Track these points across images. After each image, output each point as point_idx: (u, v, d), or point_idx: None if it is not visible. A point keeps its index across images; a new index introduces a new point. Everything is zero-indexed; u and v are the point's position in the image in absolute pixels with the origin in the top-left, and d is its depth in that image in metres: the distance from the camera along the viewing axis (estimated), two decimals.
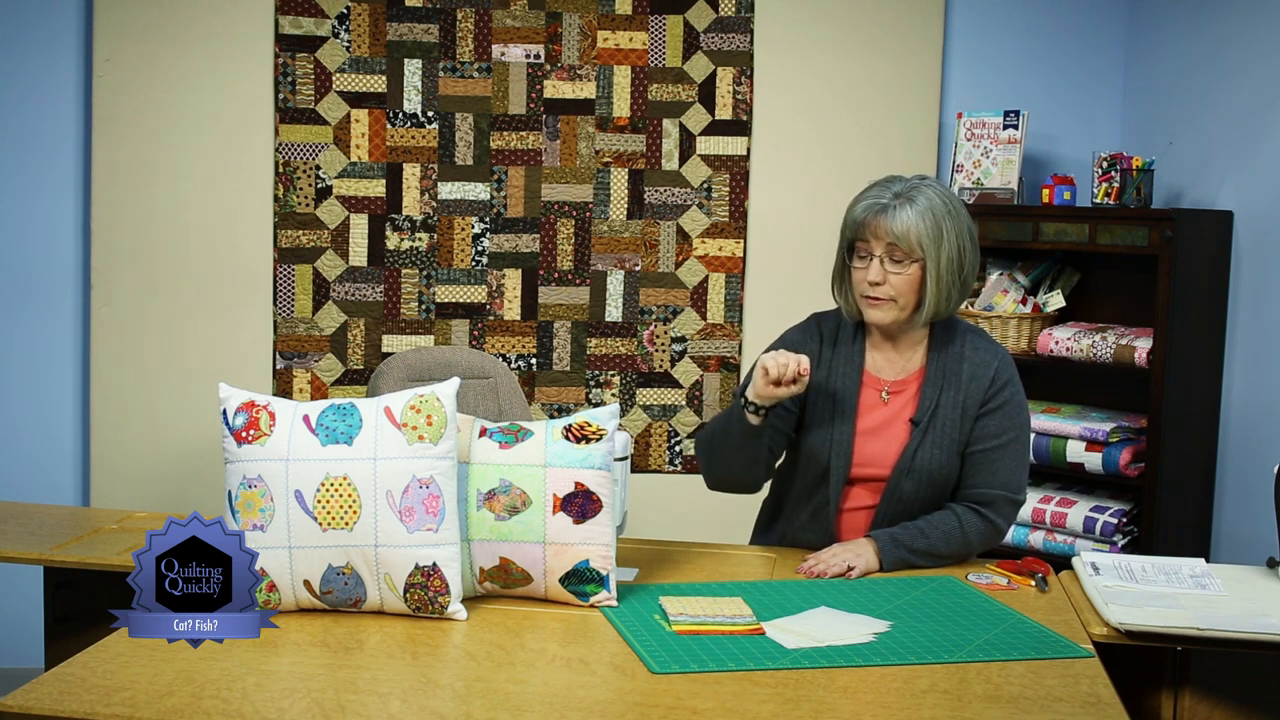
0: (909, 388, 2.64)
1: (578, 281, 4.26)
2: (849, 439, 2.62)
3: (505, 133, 4.20)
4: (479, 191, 4.22)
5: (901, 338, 2.65)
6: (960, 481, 2.63)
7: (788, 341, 2.72)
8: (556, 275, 4.25)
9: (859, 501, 2.65)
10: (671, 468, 4.32)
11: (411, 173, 4.19)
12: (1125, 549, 3.68)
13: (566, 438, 2.29)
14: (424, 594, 2.18)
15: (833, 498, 2.64)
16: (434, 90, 4.17)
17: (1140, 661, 2.33)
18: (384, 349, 4.21)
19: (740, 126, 4.26)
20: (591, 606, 2.28)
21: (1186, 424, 3.66)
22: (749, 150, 4.27)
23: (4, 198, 4.20)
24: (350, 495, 2.17)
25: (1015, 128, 4.08)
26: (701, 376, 4.30)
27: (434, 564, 2.17)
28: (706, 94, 4.24)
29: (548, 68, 4.20)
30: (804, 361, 2.47)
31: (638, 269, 4.26)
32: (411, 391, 2.26)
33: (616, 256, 4.26)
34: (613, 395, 4.28)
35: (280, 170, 4.16)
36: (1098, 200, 3.87)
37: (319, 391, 4.20)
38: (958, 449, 2.61)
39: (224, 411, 2.24)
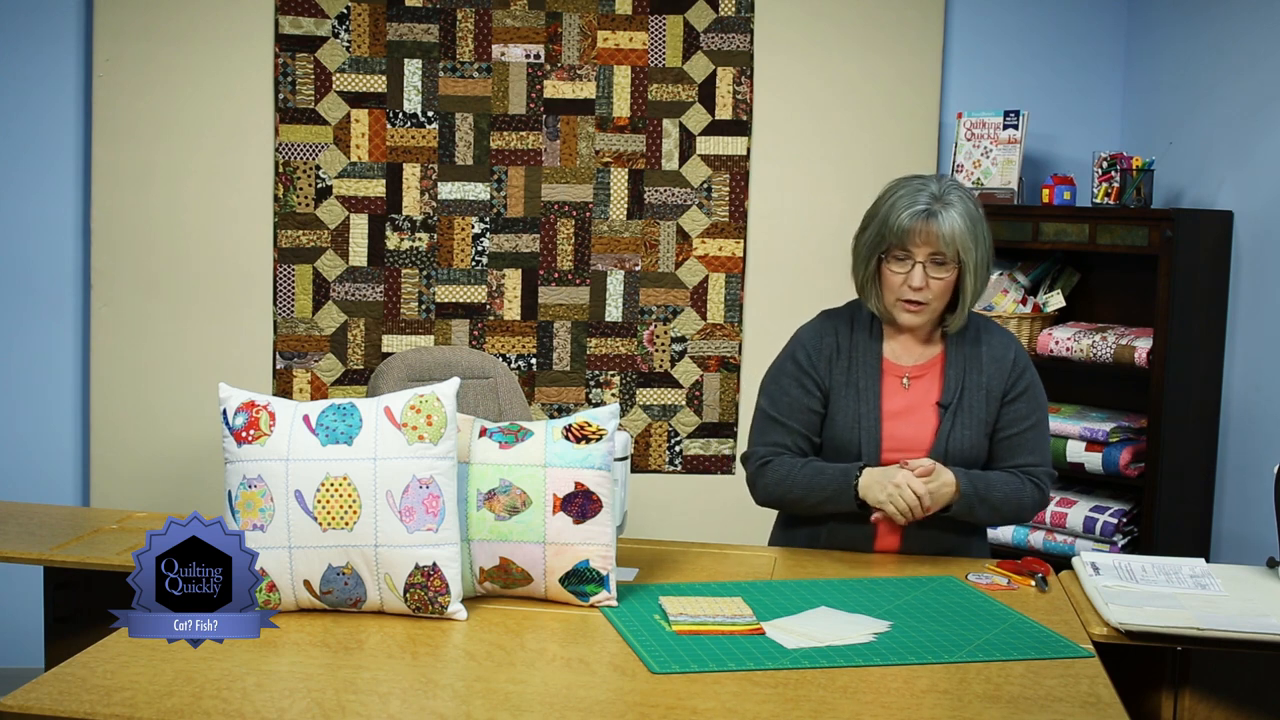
0: (929, 373, 2.67)
1: (578, 281, 4.26)
2: (876, 423, 2.64)
3: (505, 133, 4.20)
4: (479, 191, 4.22)
5: (926, 330, 2.69)
6: (995, 463, 2.66)
7: (804, 341, 2.72)
8: (556, 275, 4.25)
9: None
10: (671, 468, 4.32)
11: (411, 173, 4.19)
12: (1125, 549, 3.68)
13: (566, 438, 2.29)
14: (424, 594, 2.18)
15: None
16: (434, 90, 4.17)
17: (1140, 661, 2.33)
18: (384, 349, 4.21)
19: (740, 126, 4.26)
20: (591, 606, 2.28)
21: (1186, 424, 3.66)
22: (749, 150, 4.27)
23: (4, 198, 4.20)
24: (350, 495, 2.17)
25: (1015, 128, 4.08)
26: (701, 376, 4.30)
27: (434, 564, 2.17)
28: (706, 94, 4.24)
29: (548, 68, 4.20)
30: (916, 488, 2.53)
31: (638, 269, 4.26)
32: (411, 391, 2.26)
33: (616, 256, 4.26)
34: (613, 395, 4.28)
35: (280, 170, 4.16)
36: (1098, 200, 3.87)
37: (319, 391, 4.20)
38: (985, 431, 2.65)
39: (224, 411, 2.24)
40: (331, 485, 2.17)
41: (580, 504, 2.25)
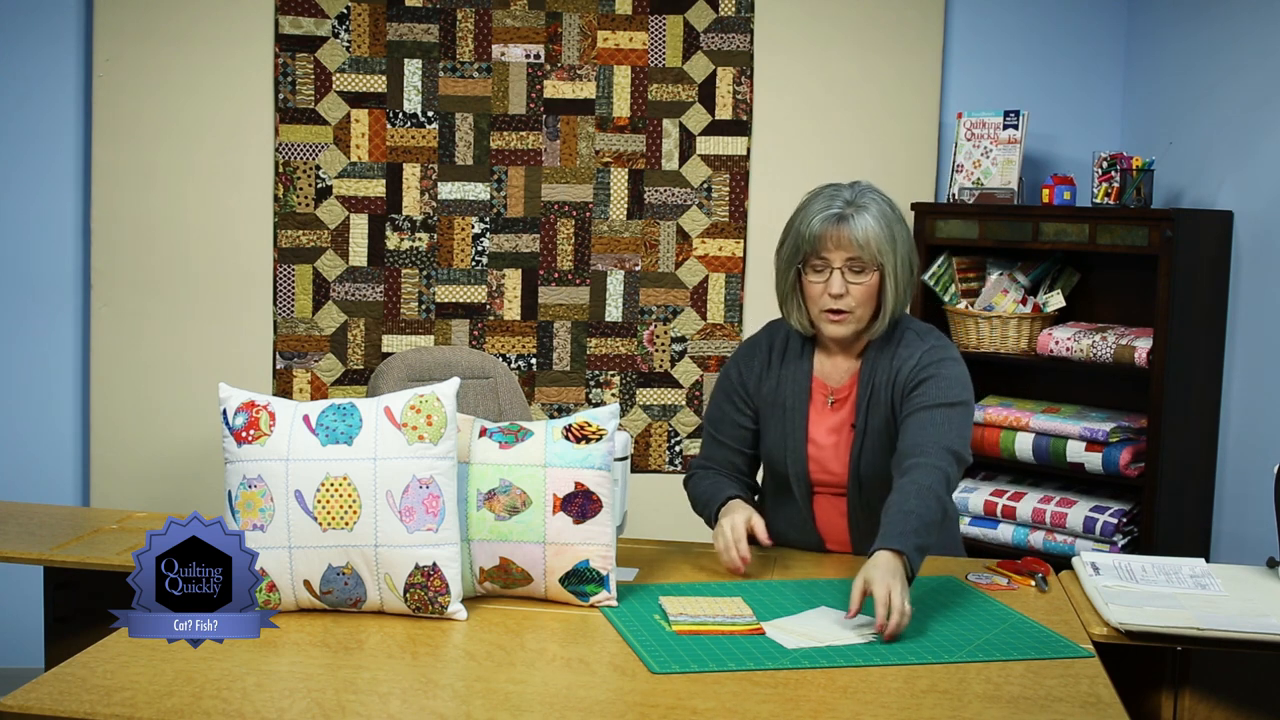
0: (851, 393, 2.63)
1: (578, 281, 4.26)
2: (801, 445, 2.62)
3: (505, 133, 4.20)
4: (479, 191, 4.22)
5: (853, 344, 2.63)
6: (896, 453, 2.50)
7: (738, 358, 2.72)
8: (556, 275, 4.25)
9: (830, 506, 2.66)
10: (671, 468, 4.32)
11: (411, 173, 4.19)
12: (1125, 549, 3.68)
13: (566, 438, 2.29)
14: (424, 594, 2.18)
15: (802, 505, 2.66)
16: (434, 90, 4.17)
17: (1140, 661, 2.33)
18: (384, 349, 4.21)
19: (740, 126, 4.26)
20: (591, 606, 2.28)
21: (1186, 424, 3.66)
22: (749, 150, 4.27)
23: (4, 198, 4.20)
24: (350, 495, 2.17)
25: (1015, 128, 4.08)
26: (701, 376, 4.30)
27: (434, 564, 2.17)
28: (706, 94, 4.24)
29: (548, 68, 4.20)
30: (743, 549, 2.48)
31: (638, 269, 4.26)
32: (411, 391, 2.26)
33: (616, 256, 4.26)
34: (613, 395, 4.28)
35: (280, 170, 4.16)
36: (1098, 200, 3.87)
37: (319, 391, 4.20)
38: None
39: (224, 411, 2.24)
40: (331, 485, 2.17)
41: (580, 504, 2.25)
